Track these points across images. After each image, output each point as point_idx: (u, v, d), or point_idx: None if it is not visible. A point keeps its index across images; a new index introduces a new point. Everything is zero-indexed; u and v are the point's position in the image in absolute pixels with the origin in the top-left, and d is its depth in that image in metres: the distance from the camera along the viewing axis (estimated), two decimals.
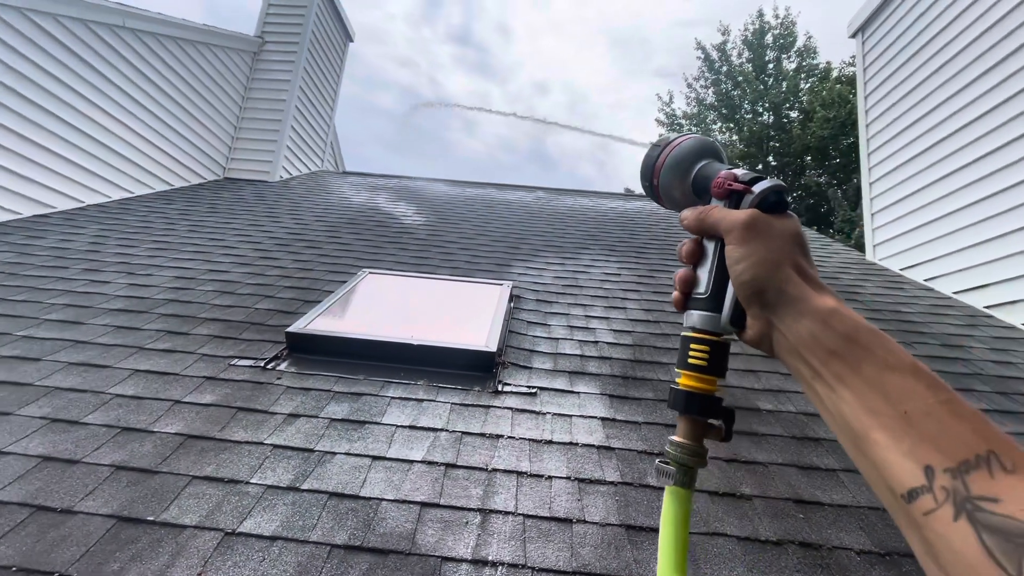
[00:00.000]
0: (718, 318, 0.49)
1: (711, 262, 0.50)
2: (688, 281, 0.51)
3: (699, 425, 0.49)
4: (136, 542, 1.19)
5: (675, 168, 0.54)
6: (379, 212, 4.93)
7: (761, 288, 0.44)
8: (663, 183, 0.55)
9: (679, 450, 0.48)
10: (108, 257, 3.14)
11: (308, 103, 6.66)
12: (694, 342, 0.50)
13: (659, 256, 4.09)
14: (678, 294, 0.52)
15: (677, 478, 0.47)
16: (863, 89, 4.86)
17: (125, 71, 4.49)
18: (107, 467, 1.42)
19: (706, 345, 0.49)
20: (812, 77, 16.26)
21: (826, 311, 0.41)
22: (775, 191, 0.47)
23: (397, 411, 1.79)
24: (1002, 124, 3.25)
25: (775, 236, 0.45)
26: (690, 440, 0.49)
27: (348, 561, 1.18)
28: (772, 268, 0.44)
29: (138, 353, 2.05)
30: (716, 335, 0.49)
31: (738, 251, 0.45)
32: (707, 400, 0.49)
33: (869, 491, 1.54)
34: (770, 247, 0.44)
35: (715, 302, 0.49)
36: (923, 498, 0.31)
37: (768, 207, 0.46)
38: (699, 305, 0.50)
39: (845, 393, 0.37)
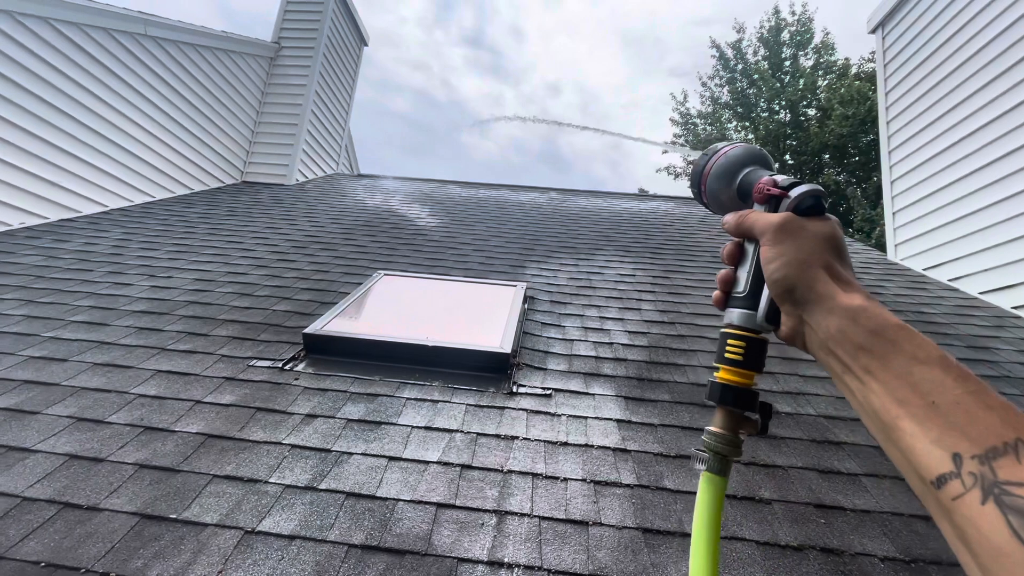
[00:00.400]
0: (754, 315, 0.52)
1: (750, 263, 0.53)
2: (728, 281, 0.55)
3: (735, 417, 0.52)
4: (159, 539, 1.21)
5: (721, 175, 0.57)
6: (393, 214, 4.97)
7: (791, 286, 0.46)
8: (710, 189, 0.59)
9: (714, 439, 0.51)
10: (131, 260, 3.21)
11: (323, 107, 6.74)
12: (731, 338, 0.53)
13: (674, 257, 4.05)
14: (719, 293, 0.56)
15: (711, 464, 0.50)
16: (883, 85, 4.77)
17: (147, 78, 4.59)
18: (131, 466, 1.45)
19: (743, 341, 0.52)
20: (830, 74, 15.98)
21: (854, 308, 0.43)
22: (811, 195, 0.49)
23: (413, 412, 1.80)
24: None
25: (807, 237, 0.47)
26: (725, 430, 0.51)
27: (365, 561, 1.19)
28: (802, 267, 0.46)
29: (160, 354, 2.09)
30: (753, 332, 0.52)
31: (771, 251, 0.48)
32: (743, 393, 0.51)
33: (893, 496, 1.51)
34: (801, 247, 0.47)
35: (752, 300, 0.52)
36: (951, 483, 0.32)
37: (804, 210, 0.49)
38: (737, 303, 0.53)
39: (874, 385, 0.39)
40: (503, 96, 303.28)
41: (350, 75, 7.46)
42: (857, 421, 1.89)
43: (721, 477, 0.50)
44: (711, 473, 0.50)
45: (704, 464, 0.51)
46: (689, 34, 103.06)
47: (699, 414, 1.89)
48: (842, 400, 2.04)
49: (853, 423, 1.88)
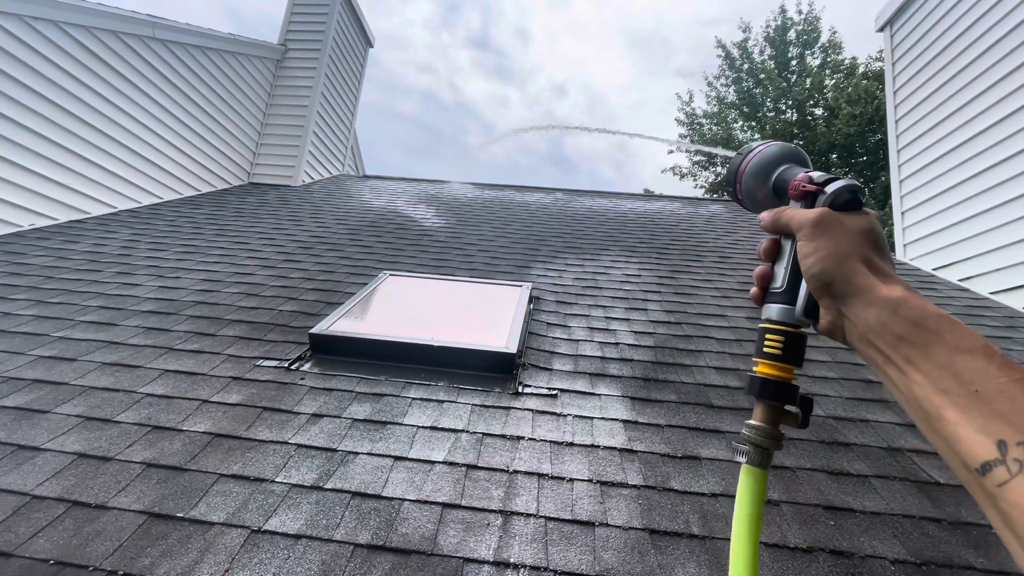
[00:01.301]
0: (792, 310, 0.52)
1: (787, 259, 0.53)
2: (765, 277, 0.55)
3: (774, 410, 0.52)
4: (166, 538, 1.22)
5: (757, 173, 0.59)
6: (399, 215, 4.98)
7: (829, 280, 0.47)
8: (745, 188, 0.60)
9: (754, 432, 0.52)
10: (139, 261, 3.23)
11: (330, 108, 6.77)
12: (769, 332, 0.53)
13: (680, 257, 4.03)
14: (756, 289, 0.56)
15: (751, 456, 0.51)
16: (892, 84, 4.73)
17: (155, 80, 4.63)
18: (138, 464, 1.46)
19: (781, 336, 0.52)
20: (837, 73, 15.87)
21: (894, 300, 0.43)
22: (847, 190, 0.50)
23: (418, 412, 1.80)
24: None
25: (844, 231, 0.48)
26: (765, 423, 0.52)
27: (371, 561, 1.19)
28: (840, 261, 0.47)
29: (168, 354, 2.11)
30: (791, 326, 0.53)
31: (807, 246, 0.49)
32: (782, 387, 0.52)
33: (904, 498, 1.49)
34: (838, 241, 0.47)
35: (790, 295, 0.53)
36: (997, 470, 0.33)
37: (840, 205, 0.50)
38: (775, 299, 0.54)
39: (916, 375, 0.39)
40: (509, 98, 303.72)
41: (356, 76, 7.49)
42: (867, 422, 1.87)
43: (762, 470, 0.51)
44: (752, 466, 0.51)
45: (744, 457, 0.51)
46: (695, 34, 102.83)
47: (706, 415, 1.87)
48: (851, 401, 2.02)
49: (862, 424, 1.86)
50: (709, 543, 1.29)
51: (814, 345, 2.51)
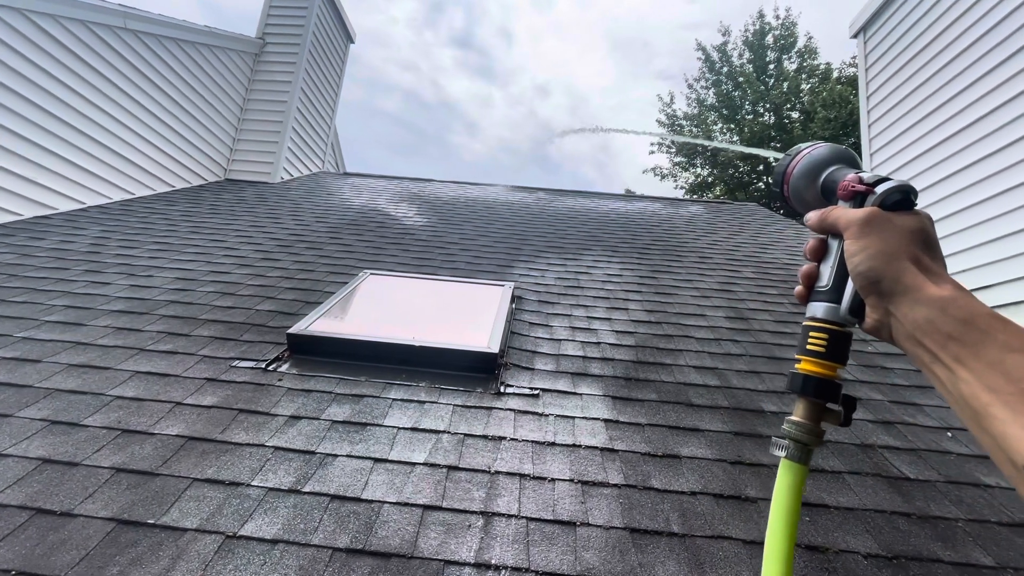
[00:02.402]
0: (837, 308, 0.53)
1: (833, 258, 0.54)
2: (811, 276, 0.56)
3: (816, 407, 0.53)
4: (136, 545, 1.18)
5: (805, 174, 0.59)
6: (380, 213, 4.93)
7: (877, 278, 0.47)
8: (793, 188, 0.60)
9: (795, 427, 0.52)
10: (109, 258, 3.13)
11: (309, 104, 6.66)
12: (813, 330, 0.54)
13: (661, 257, 4.07)
14: (801, 288, 0.57)
15: (791, 451, 0.52)
16: (865, 90, 4.85)
17: (126, 72, 4.48)
18: (107, 469, 1.41)
19: (825, 333, 0.53)
20: (813, 78, 16.24)
21: (944, 298, 0.43)
22: (898, 191, 0.50)
23: (399, 413, 1.78)
24: (1006, 124, 3.23)
25: (893, 231, 0.48)
26: (807, 419, 0.52)
27: (350, 564, 1.17)
28: (888, 259, 0.47)
29: (139, 354, 2.04)
30: (836, 324, 0.53)
31: (854, 245, 0.49)
32: (824, 384, 0.52)
33: (876, 494, 1.53)
34: (887, 240, 0.48)
35: (835, 294, 0.53)
36: None
37: (891, 205, 0.50)
38: (820, 297, 0.54)
39: (964, 374, 0.40)
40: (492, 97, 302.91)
41: (336, 72, 7.38)
42: None
43: (802, 465, 0.51)
44: (792, 461, 0.51)
45: (784, 451, 0.52)
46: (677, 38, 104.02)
47: (686, 413, 1.90)
48: None
49: None
50: (689, 541, 1.30)
51: (786, 344, 2.56)
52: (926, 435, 1.86)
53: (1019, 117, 3.13)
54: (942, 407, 2.05)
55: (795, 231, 5.45)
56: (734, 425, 1.84)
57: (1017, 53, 3.18)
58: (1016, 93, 3.16)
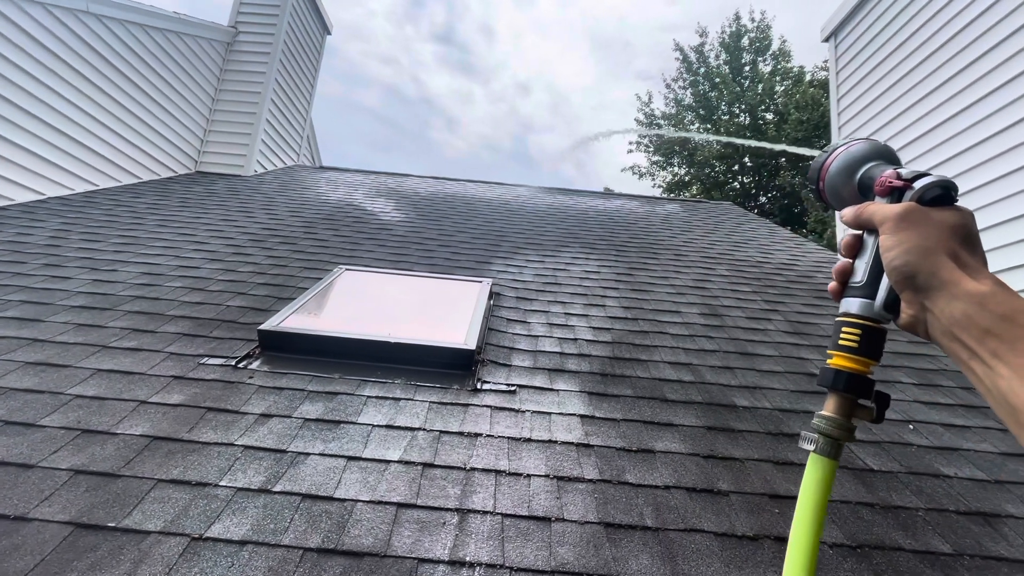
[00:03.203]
0: (872, 304, 0.52)
1: (869, 254, 0.53)
2: (845, 272, 0.55)
3: (847, 402, 0.52)
4: (95, 550, 1.13)
5: (842, 170, 0.59)
6: (357, 208, 4.85)
7: (912, 272, 0.47)
8: (829, 184, 0.60)
9: (825, 422, 0.52)
10: (70, 252, 3.01)
11: (284, 95, 6.51)
12: (846, 326, 0.53)
13: (638, 255, 4.12)
14: (835, 284, 0.56)
15: (819, 445, 0.51)
16: (835, 92, 4.98)
17: (89, 58, 4.30)
18: (65, 471, 1.35)
19: (858, 329, 0.53)
20: (787, 80, 16.61)
21: (982, 293, 0.43)
22: (938, 186, 0.50)
23: (373, 410, 1.75)
24: (970, 126, 3.36)
25: (931, 226, 0.47)
26: (837, 415, 0.52)
27: (321, 564, 1.15)
28: (924, 254, 0.46)
29: (101, 352, 1.97)
30: (870, 320, 0.53)
31: (890, 239, 0.49)
32: (856, 379, 0.52)
33: (841, 485, 1.57)
34: (924, 235, 0.47)
35: (870, 290, 0.53)
36: None
37: (929, 200, 0.50)
38: (854, 293, 0.54)
39: (1002, 369, 0.39)
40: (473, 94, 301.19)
41: (312, 64, 7.23)
42: (809, 413, 1.96)
43: (831, 460, 0.51)
44: (821, 455, 0.51)
45: (813, 445, 0.52)
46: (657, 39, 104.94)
47: (660, 409, 1.92)
48: (796, 393, 2.11)
49: (805, 415, 1.95)
50: (662, 535, 1.32)
51: (758, 340, 2.62)
52: (889, 428, 1.92)
53: (983, 119, 3.25)
54: (904, 400, 2.13)
55: (768, 229, 5.57)
56: (707, 420, 1.87)
57: (981, 58, 3.31)
58: (980, 96, 3.28)
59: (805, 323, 2.90)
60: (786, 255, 4.52)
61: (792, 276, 3.86)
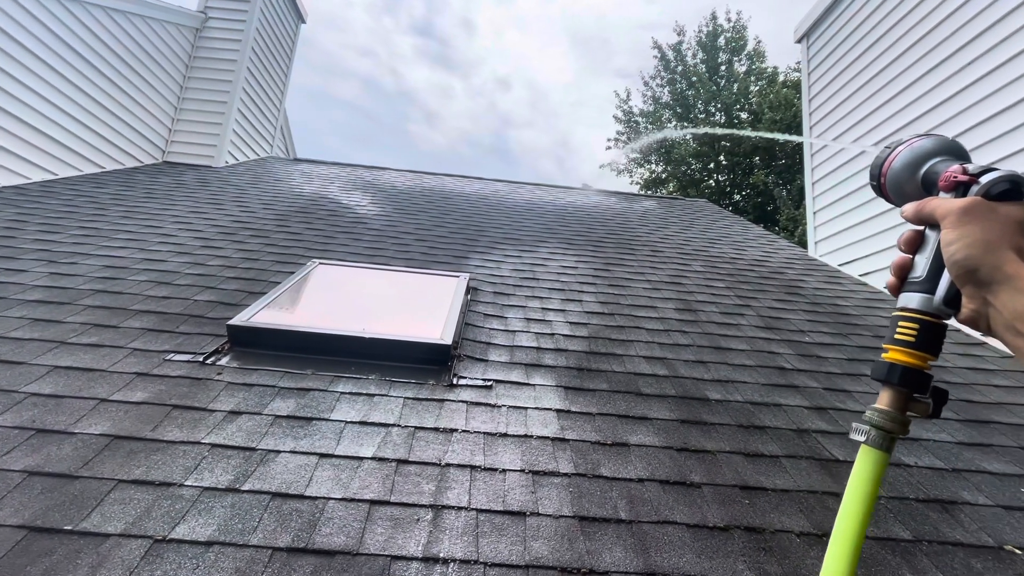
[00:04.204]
0: (931, 299, 0.52)
1: (930, 249, 0.53)
2: (904, 267, 0.55)
3: (902, 396, 0.52)
4: (50, 554, 1.08)
5: (907, 166, 0.59)
6: (332, 201, 4.76)
7: (974, 267, 0.46)
8: (891, 180, 0.60)
9: (877, 415, 0.52)
10: (26, 243, 2.87)
11: (256, 84, 6.33)
12: (904, 320, 0.53)
13: (615, 250, 4.15)
14: (893, 279, 0.56)
15: (872, 437, 0.51)
16: (807, 93, 5.09)
17: (49, 42, 4.10)
18: (18, 473, 1.29)
19: (916, 323, 0.52)
20: (761, 80, 16.93)
21: None
22: (1005, 180, 0.49)
23: (347, 407, 1.72)
24: (938, 125, 3.46)
25: (996, 220, 0.47)
26: (891, 408, 0.52)
27: (291, 564, 1.13)
28: (987, 248, 0.46)
29: (59, 348, 1.88)
30: (929, 315, 0.52)
31: (951, 234, 0.48)
32: (912, 373, 0.52)
33: (809, 475, 1.61)
34: (988, 229, 0.47)
35: (930, 285, 0.52)
36: None
37: (996, 196, 0.49)
38: (913, 288, 0.54)
39: None
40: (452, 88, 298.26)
41: (286, 52, 7.05)
42: (779, 406, 2.01)
43: (883, 453, 0.51)
44: (872, 448, 0.51)
45: (864, 436, 0.52)
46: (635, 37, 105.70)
47: (635, 402, 1.94)
48: (766, 387, 2.16)
49: (775, 408, 2.00)
50: (636, 527, 1.33)
51: (731, 335, 2.67)
52: (854, 419, 1.96)
53: (951, 118, 3.36)
54: (869, 393, 2.19)
55: (742, 227, 5.68)
56: (681, 413, 1.90)
57: (949, 58, 3.42)
58: (948, 96, 3.39)
59: (776, 318, 2.97)
60: (759, 252, 4.61)
61: (764, 272, 3.94)
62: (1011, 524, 1.47)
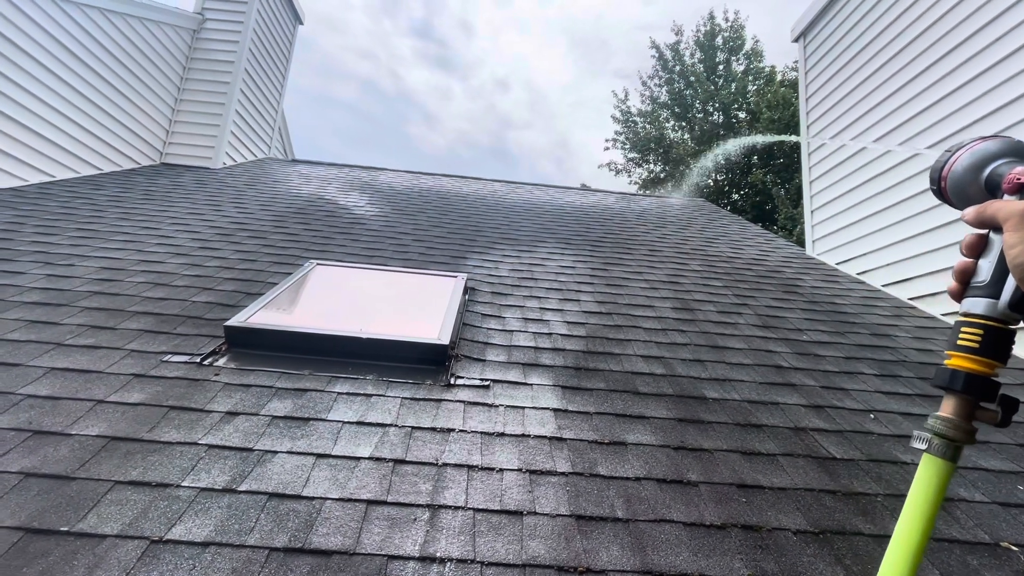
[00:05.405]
0: (995, 304, 0.50)
1: (994, 253, 0.51)
2: (967, 272, 0.53)
3: (966, 403, 0.51)
4: (47, 555, 1.08)
5: (970, 168, 0.57)
6: (329, 202, 4.76)
7: None
8: (953, 182, 0.58)
9: (940, 422, 0.50)
10: (23, 245, 2.87)
11: (254, 86, 6.33)
12: (966, 326, 0.52)
13: (613, 250, 4.15)
14: (955, 284, 0.54)
15: (934, 446, 0.50)
16: (804, 92, 5.09)
17: (45, 44, 4.10)
18: (14, 474, 1.29)
19: (979, 329, 0.51)
20: (759, 80, 16.94)
21: None
22: None
23: (344, 407, 1.72)
24: (935, 123, 3.47)
25: None
26: (955, 416, 0.50)
27: (288, 564, 1.13)
28: None
29: (55, 349, 1.88)
30: (993, 320, 0.51)
31: (1015, 236, 0.47)
32: (977, 380, 0.50)
33: (806, 473, 1.61)
34: None
35: (994, 289, 0.51)
36: None
37: None
38: (977, 293, 0.52)
39: None
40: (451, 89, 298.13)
41: (284, 54, 7.05)
42: (776, 405, 2.01)
43: (947, 462, 0.49)
44: (935, 456, 0.49)
45: (926, 444, 0.50)
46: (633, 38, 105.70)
47: (632, 401, 1.94)
48: (764, 385, 2.16)
49: (772, 407, 2.00)
50: (632, 525, 1.33)
51: (729, 334, 2.67)
52: (852, 417, 1.98)
53: (948, 116, 3.36)
54: (866, 391, 2.20)
55: (740, 226, 5.68)
56: (678, 412, 1.90)
57: (946, 56, 3.42)
58: (945, 94, 3.40)
59: (774, 316, 2.97)
60: (757, 251, 4.62)
61: (762, 271, 3.95)
62: (1008, 521, 1.48)
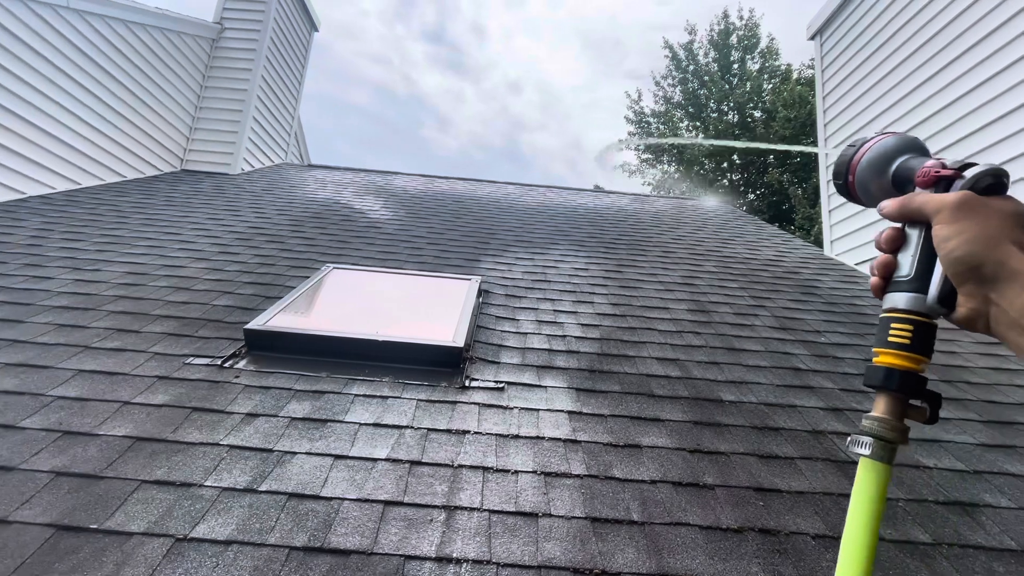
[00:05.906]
0: (923, 298, 0.50)
1: (915, 246, 0.51)
2: (888, 266, 0.53)
3: (899, 402, 0.50)
4: (77, 552, 1.12)
5: (875, 163, 0.57)
6: (345, 206, 4.82)
7: (977, 263, 0.44)
8: (859, 179, 0.58)
9: (877, 424, 0.49)
10: (52, 251, 2.96)
11: (271, 93, 6.44)
12: (896, 321, 0.51)
13: (627, 252, 4.13)
14: (877, 279, 0.53)
15: (873, 450, 0.48)
16: (821, 90, 5.02)
17: (71, 55, 4.23)
18: (46, 473, 1.34)
19: (909, 324, 0.50)
20: (775, 78, 16.73)
21: None
22: (990, 175, 0.48)
23: (361, 409, 1.75)
24: (954, 122, 3.41)
25: (992, 214, 0.45)
26: (889, 415, 0.49)
27: (307, 563, 1.15)
28: (990, 244, 0.44)
29: (83, 352, 1.94)
30: (921, 315, 0.50)
31: (947, 229, 0.46)
32: (909, 377, 0.49)
33: (824, 477, 1.59)
34: (987, 224, 0.44)
35: (920, 284, 0.50)
36: None
37: (983, 189, 0.47)
38: (901, 287, 0.52)
39: None
40: (464, 93, 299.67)
41: (299, 61, 7.17)
42: (794, 407, 1.99)
43: (885, 465, 0.48)
44: (874, 460, 0.48)
45: (867, 448, 0.49)
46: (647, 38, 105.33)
47: (647, 404, 1.93)
48: (781, 388, 2.14)
49: (790, 409, 1.98)
50: (648, 528, 1.33)
51: (745, 336, 2.64)
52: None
53: (964, 117, 3.30)
54: None
55: (755, 226, 5.62)
56: (693, 415, 1.89)
57: (965, 54, 3.35)
58: (964, 92, 3.33)
59: (791, 318, 2.94)
60: (773, 251, 4.56)
61: (779, 272, 3.90)
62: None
